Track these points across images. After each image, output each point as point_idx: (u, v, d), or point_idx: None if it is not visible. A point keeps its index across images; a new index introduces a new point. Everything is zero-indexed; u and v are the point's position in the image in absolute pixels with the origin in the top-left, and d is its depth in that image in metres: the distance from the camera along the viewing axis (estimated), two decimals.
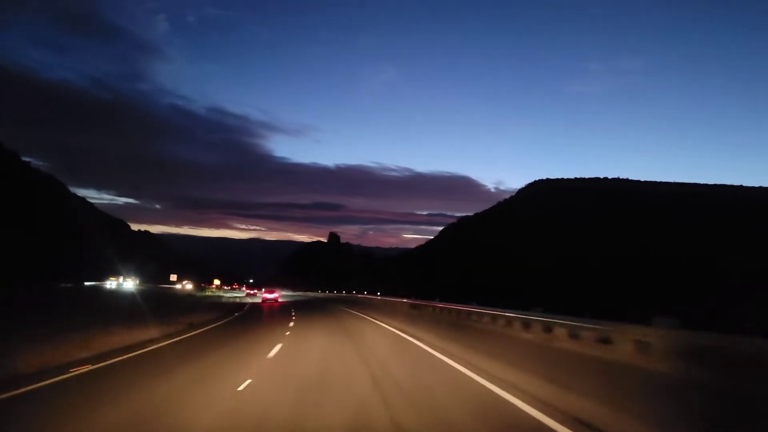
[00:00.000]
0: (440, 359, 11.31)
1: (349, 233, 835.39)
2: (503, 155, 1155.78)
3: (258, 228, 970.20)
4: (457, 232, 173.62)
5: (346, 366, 10.34)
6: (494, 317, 13.52)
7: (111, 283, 67.28)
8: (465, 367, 9.97)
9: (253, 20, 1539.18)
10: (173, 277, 57.60)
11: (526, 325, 11.19)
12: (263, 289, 79.49)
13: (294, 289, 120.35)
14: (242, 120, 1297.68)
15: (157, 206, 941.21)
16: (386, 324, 21.99)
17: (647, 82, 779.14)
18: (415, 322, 19.93)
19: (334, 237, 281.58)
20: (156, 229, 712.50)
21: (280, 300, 58.30)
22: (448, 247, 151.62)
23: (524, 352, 9.94)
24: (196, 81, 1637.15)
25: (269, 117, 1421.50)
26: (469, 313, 15.71)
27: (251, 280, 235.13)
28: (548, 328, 10.14)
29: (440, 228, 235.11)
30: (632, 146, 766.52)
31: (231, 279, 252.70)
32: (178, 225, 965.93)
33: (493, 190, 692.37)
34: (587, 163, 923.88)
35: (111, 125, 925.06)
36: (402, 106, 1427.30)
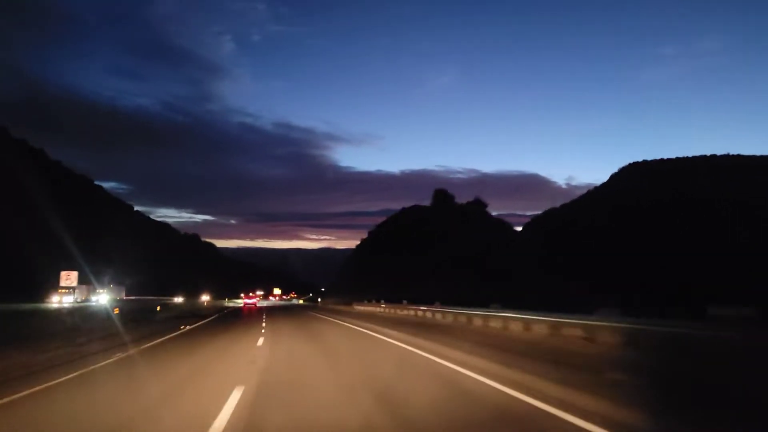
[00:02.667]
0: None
1: None
2: (573, 149, 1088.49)
3: (328, 237, 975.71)
4: (547, 225, 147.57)
5: None
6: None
7: (61, 299, 50.54)
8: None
9: (314, 34, 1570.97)
10: (67, 277, 41.04)
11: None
12: (243, 296, 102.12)
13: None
14: (308, 133, 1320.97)
15: (232, 221, 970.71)
16: None
17: (727, 62, 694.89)
18: None
19: (441, 196, 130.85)
20: (232, 243, 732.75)
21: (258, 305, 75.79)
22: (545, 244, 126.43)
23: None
24: (262, 98, 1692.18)
25: (334, 128, 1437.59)
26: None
27: (323, 289, 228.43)
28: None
29: (517, 228, 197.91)
30: (714, 127, 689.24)
31: (303, 289, 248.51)
32: (252, 239, 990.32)
33: (564, 186, 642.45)
34: (666, 152, 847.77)
35: (185, 146, 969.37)
36: (465, 107, 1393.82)
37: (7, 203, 52.56)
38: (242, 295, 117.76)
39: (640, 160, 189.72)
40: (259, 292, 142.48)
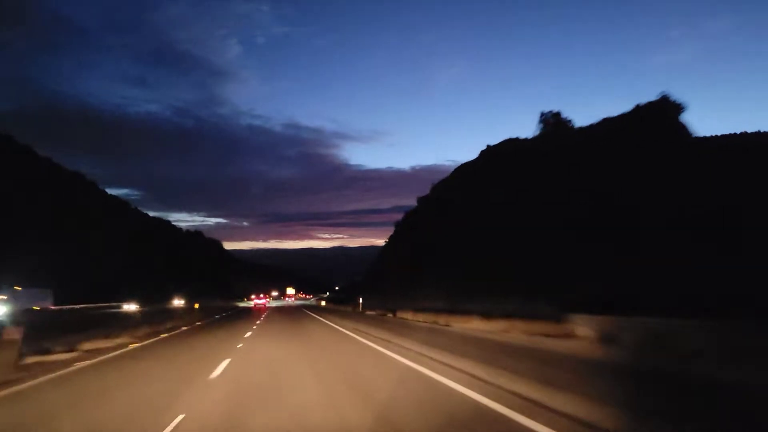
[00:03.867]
0: None
1: None
2: None
3: (341, 236, 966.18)
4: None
5: None
6: None
7: None
8: None
9: (319, 33, 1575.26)
10: None
11: None
12: (254, 297, 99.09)
13: None
14: (317, 132, 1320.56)
15: (245, 223, 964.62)
16: None
17: (736, 43, 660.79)
18: None
19: (551, 120, 46.51)
20: (245, 245, 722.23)
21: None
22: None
23: None
24: (270, 99, 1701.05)
25: (342, 126, 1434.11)
26: None
27: (337, 287, 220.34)
28: None
29: None
30: (724, 108, 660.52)
31: (318, 288, 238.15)
32: (265, 240, 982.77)
33: None
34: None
35: (196, 150, 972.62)
36: (473, 99, 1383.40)
37: None
38: (253, 296, 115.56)
39: None
40: (274, 293, 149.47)
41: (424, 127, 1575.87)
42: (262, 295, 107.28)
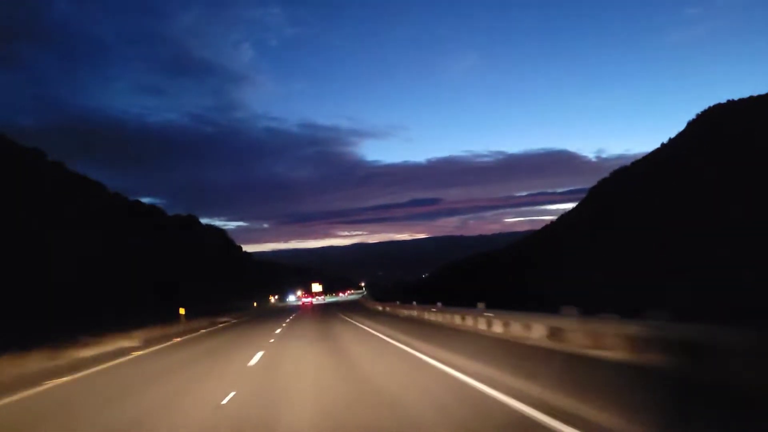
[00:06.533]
0: None
1: (449, 225, 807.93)
2: (601, 121, 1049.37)
3: (360, 233, 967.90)
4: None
5: None
6: None
7: None
8: None
9: (330, 32, 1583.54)
10: None
11: None
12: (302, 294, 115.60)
13: None
14: (333, 131, 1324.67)
15: (265, 225, 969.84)
16: None
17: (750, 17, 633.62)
18: None
19: None
20: (266, 247, 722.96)
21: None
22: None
23: None
24: (285, 100, 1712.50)
25: (358, 124, 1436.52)
26: None
27: (362, 284, 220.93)
28: None
29: (546, 207, 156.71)
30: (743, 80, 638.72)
31: (343, 285, 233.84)
32: (285, 240, 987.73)
33: (594, 160, 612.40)
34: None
35: (214, 155, 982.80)
36: (487, 90, 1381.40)
37: None
38: (271, 296, 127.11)
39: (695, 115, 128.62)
40: (299, 293, 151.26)
41: (439, 120, 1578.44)
42: (307, 294, 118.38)
